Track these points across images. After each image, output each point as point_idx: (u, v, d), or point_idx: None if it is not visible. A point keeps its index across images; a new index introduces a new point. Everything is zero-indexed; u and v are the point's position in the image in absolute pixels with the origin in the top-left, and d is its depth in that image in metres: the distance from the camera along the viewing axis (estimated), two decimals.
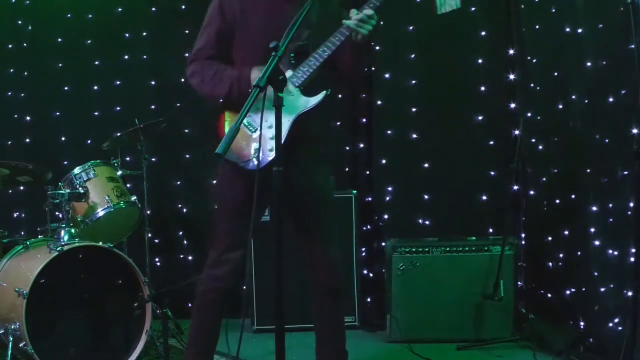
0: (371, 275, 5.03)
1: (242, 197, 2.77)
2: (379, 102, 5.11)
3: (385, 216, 4.97)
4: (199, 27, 5.28)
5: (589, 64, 3.82)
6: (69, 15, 5.31)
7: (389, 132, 5.05)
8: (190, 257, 5.37)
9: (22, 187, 5.12)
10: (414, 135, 5.02)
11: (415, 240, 4.53)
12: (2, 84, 5.28)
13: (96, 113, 5.33)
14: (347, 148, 5.29)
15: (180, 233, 5.39)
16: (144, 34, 5.36)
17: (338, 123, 5.29)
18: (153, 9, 5.36)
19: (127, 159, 5.03)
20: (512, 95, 4.87)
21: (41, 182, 4.20)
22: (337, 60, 2.91)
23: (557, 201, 4.29)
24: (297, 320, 3.91)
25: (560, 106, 4.20)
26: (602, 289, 3.72)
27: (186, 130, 5.34)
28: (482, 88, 4.91)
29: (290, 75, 2.82)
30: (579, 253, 4.00)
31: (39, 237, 4.06)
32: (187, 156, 5.38)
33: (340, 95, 5.30)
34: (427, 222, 4.91)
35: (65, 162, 5.09)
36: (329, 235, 3.03)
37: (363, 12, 2.92)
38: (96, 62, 5.33)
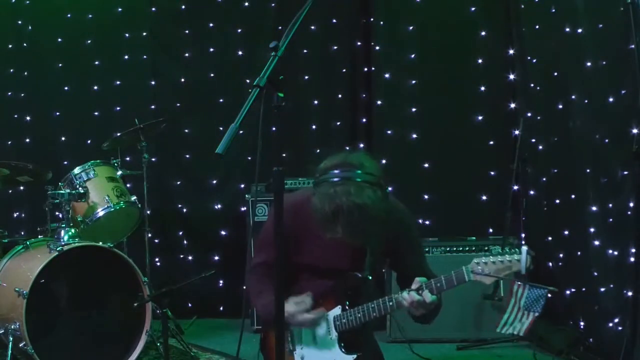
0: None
1: None
2: (379, 102, 5.11)
3: None
4: (199, 27, 5.35)
5: (589, 64, 3.82)
6: (69, 15, 5.30)
7: (389, 132, 5.05)
8: (190, 257, 5.37)
9: (22, 187, 5.12)
10: (414, 135, 5.02)
11: None
12: (2, 84, 5.28)
13: (96, 113, 5.33)
14: (347, 148, 5.28)
15: (180, 233, 5.39)
16: (144, 34, 5.36)
17: (338, 123, 5.29)
18: (153, 9, 5.36)
19: (127, 159, 5.02)
20: (512, 95, 4.88)
21: (41, 182, 4.20)
22: None
23: (557, 201, 4.29)
24: None
25: (560, 106, 4.20)
26: (602, 289, 3.72)
27: (186, 130, 5.34)
28: (482, 88, 4.92)
29: (338, 314, 2.61)
30: (579, 253, 4.00)
31: (39, 237, 4.06)
32: (187, 156, 5.37)
33: (340, 95, 5.31)
34: (427, 222, 4.91)
35: (65, 162, 5.09)
36: None
37: (422, 294, 2.47)
38: (96, 62, 5.32)
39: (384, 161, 5.04)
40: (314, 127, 5.32)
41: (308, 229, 2.52)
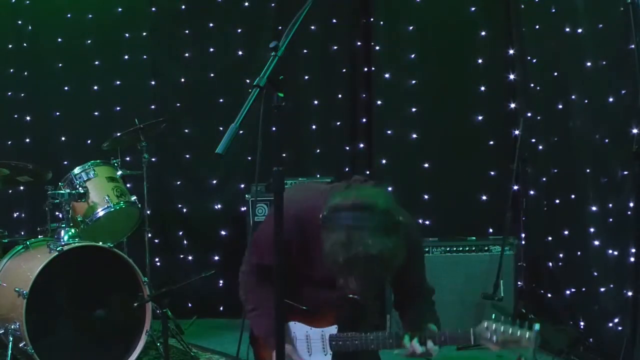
0: None
1: None
2: (379, 102, 5.11)
3: None
4: (199, 27, 5.34)
5: (589, 64, 3.82)
6: (69, 15, 5.30)
7: (388, 132, 5.05)
8: (190, 257, 5.37)
9: (22, 187, 5.12)
10: (414, 135, 5.02)
11: None
12: (2, 84, 5.28)
13: (96, 113, 5.33)
14: (347, 148, 5.29)
15: (180, 233, 5.39)
16: (144, 34, 5.36)
17: (338, 123, 5.29)
18: (153, 9, 5.35)
19: (127, 159, 5.02)
20: (512, 95, 4.88)
21: (41, 182, 4.20)
22: None
23: (557, 201, 4.29)
24: None
25: (560, 106, 4.20)
26: (602, 289, 3.72)
27: (186, 130, 5.34)
28: (482, 88, 4.92)
29: (334, 334, 2.53)
30: (579, 253, 4.00)
31: (39, 237, 4.06)
32: (187, 156, 5.37)
33: (340, 95, 5.31)
34: (427, 222, 4.91)
35: (65, 162, 5.09)
36: None
37: (427, 346, 2.40)
38: (96, 62, 5.32)
39: (384, 161, 5.05)
40: (314, 127, 5.32)
41: (314, 239, 2.34)
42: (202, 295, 5.17)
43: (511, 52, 4.86)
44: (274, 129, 2.21)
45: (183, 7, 5.34)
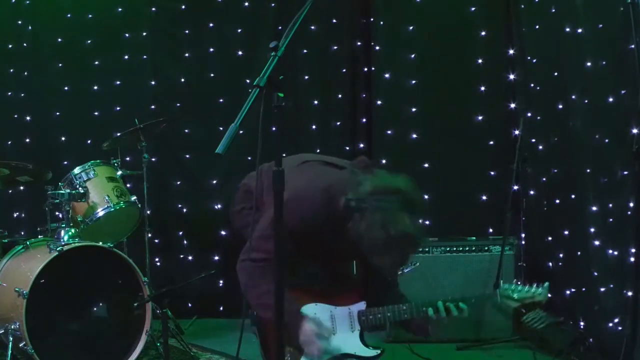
0: None
1: None
2: (378, 102, 5.11)
3: None
4: (199, 27, 5.34)
5: (589, 64, 3.82)
6: (69, 15, 5.30)
7: (388, 132, 5.05)
8: (190, 257, 5.37)
9: (22, 187, 5.12)
10: (414, 135, 5.02)
11: None
12: (2, 84, 5.28)
13: (96, 113, 5.33)
14: (347, 148, 5.29)
15: (180, 233, 5.39)
16: (144, 34, 5.36)
17: (338, 123, 5.29)
18: (153, 9, 5.35)
19: (127, 159, 5.02)
20: (512, 95, 4.88)
21: (41, 182, 4.19)
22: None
23: (557, 201, 4.29)
24: None
25: (560, 106, 4.20)
26: (602, 289, 3.72)
27: (186, 130, 5.34)
28: (482, 88, 4.92)
29: (362, 310, 2.68)
30: (579, 253, 4.00)
31: (39, 237, 4.06)
32: (187, 156, 5.37)
33: (340, 95, 5.31)
34: (427, 222, 4.90)
35: (65, 162, 5.09)
36: None
37: (458, 309, 2.68)
38: (96, 62, 5.32)
39: (383, 161, 5.04)
40: (314, 127, 5.32)
41: (337, 216, 2.47)
42: (202, 295, 5.17)
43: (511, 52, 4.87)
44: (274, 129, 2.22)
45: (183, 7, 5.34)
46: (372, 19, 5.18)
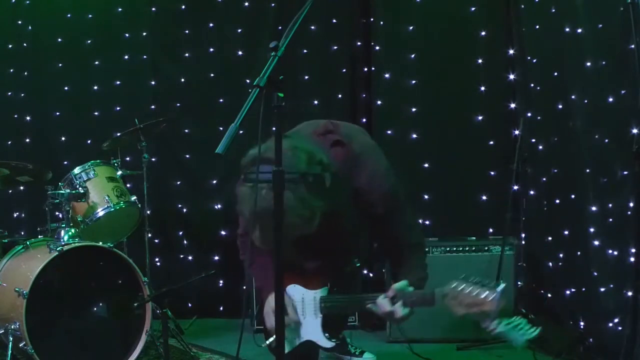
0: (371, 275, 5.03)
1: None
2: (379, 102, 5.11)
3: None
4: (199, 27, 5.34)
5: (589, 64, 3.82)
6: (69, 15, 5.30)
7: (388, 132, 5.05)
8: (190, 257, 5.37)
9: (22, 187, 5.12)
10: (414, 135, 5.02)
11: None
12: (2, 84, 5.28)
13: (96, 113, 5.33)
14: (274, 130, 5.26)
15: (180, 233, 5.39)
16: (144, 34, 5.36)
17: None
18: (153, 9, 5.36)
19: (127, 159, 5.02)
20: (512, 95, 4.88)
21: (41, 182, 4.19)
22: None
23: (557, 201, 4.29)
24: None
25: (560, 106, 4.20)
26: (602, 289, 3.71)
27: (186, 130, 5.34)
28: (482, 88, 4.92)
29: (324, 296, 2.58)
30: (579, 253, 4.00)
31: (39, 237, 4.06)
32: (187, 156, 5.38)
33: (340, 95, 5.31)
34: (427, 222, 4.91)
35: (65, 162, 5.09)
36: None
37: (395, 306, 2.41)
38: (96, 62, 5.32)
39: None
40: None
41: None
42: (202, 295, 5.18)
43: (511, 52, 4.87)
44: (274, 129, 2.22)
45: (183, 7, 5.35)
46: (372, 19, 5.18)
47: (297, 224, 2.26)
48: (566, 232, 4.18)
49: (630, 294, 3.42)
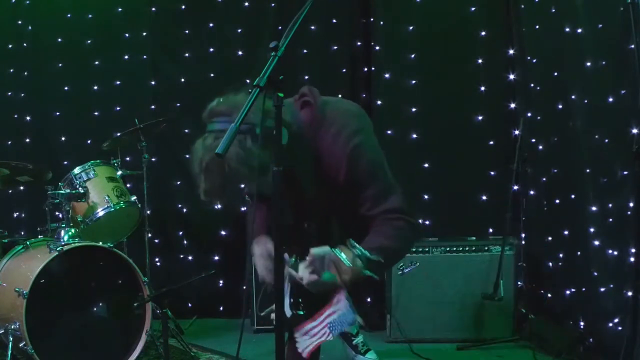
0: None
1: None
2: (379, 102, 5.11)
3: None
4: (199, 27, 5.34)
5: (589, 64, 3.82)
6: (69, 15, 5.31)
7: (388, 132, 5.05)
8: (190, 257, 5.37)
9: (22, 187, 5.13)
10: (414, 135, 5.02)
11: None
12: (2, 84, 5.28)
13: (96, 113, 5.33)
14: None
15: (180, 233, 5.39)
16: (144, 34, 5.36)
17: None
18: (153, 9, 5.36)
19: (127, 159, 5.03)
20: (512, 95, 4.88)
21: (41, 182, 4.20)
22: None
23: (557, 201, 4.29)
24: None
25: (560, 106, 4.20)
26: (602, 289, 3.71)
27: (186, 130, 5.34)
28: (482, 88, 4.92)
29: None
30: (579, 253, 4.00)
31: (39, 237, 4.06)
32: (187, 156, 5.33)
33: (340, 95, 5.30)
34: (427, 222, 4.91)
35: (65, 162, 5.10)
36: None
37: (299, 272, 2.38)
38: (96, 62, 5.33)
39: None
40: None
41: None
42: (202, 295, 5.18)
43: (511, 52, 4.87)
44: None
45: (183, 7, 5.35)
46: (372, 19, 5.18)
47: (241, 172, 2.32)
48: (566, 232, 4.18)
49: (630, 294, 3.42)
